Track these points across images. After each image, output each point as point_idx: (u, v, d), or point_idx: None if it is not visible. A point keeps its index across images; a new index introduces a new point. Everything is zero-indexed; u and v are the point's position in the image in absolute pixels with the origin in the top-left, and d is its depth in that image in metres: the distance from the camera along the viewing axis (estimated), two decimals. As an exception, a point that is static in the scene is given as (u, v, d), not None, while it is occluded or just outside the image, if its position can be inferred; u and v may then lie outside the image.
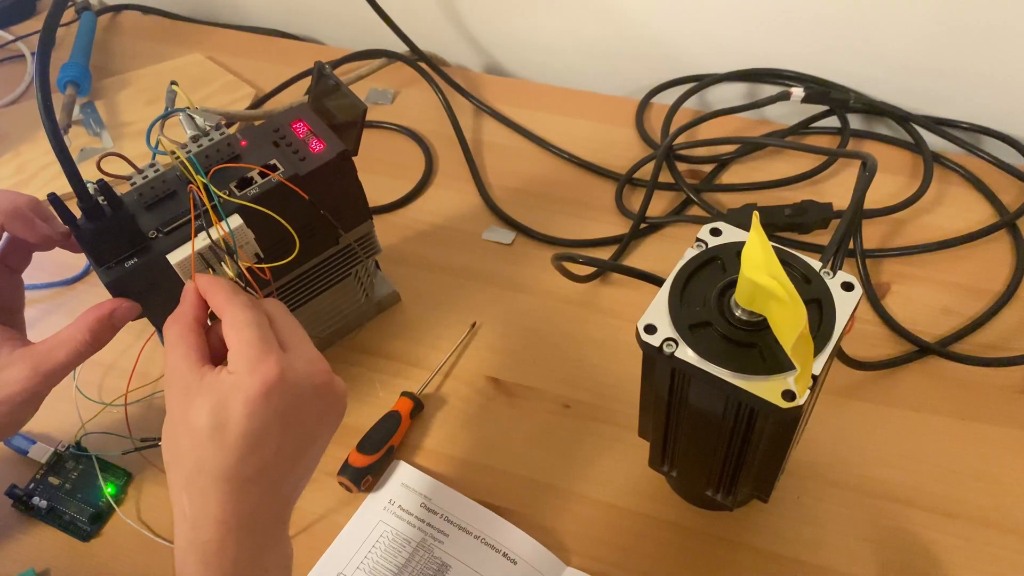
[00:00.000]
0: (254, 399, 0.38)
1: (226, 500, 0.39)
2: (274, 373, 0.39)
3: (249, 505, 0.39)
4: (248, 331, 0.41)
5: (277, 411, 0.39)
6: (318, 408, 0.42)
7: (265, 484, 0.40)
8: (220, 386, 0.39)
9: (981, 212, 0.71)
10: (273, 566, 0.41)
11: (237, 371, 0.39)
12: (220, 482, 0.38)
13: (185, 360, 0.41)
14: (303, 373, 0.41)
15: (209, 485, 0.39)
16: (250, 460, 0.39)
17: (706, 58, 0.84)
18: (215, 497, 0.38)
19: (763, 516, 0.55)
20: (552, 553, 0.54)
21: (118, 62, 0.97)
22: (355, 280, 0.64)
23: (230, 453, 0.38)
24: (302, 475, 0.43)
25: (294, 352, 0.42)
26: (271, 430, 0.39)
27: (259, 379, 0.39)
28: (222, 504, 0.39)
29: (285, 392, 0.39)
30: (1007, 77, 0.74)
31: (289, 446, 0.40)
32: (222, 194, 0.50)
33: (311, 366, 0.42)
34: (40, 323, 0.70)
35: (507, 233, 0.74)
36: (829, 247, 0.43)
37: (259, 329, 0.41)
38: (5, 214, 0.50)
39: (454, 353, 0.65)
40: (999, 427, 0.58)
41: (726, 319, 0.40)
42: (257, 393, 0.38)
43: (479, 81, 0.90)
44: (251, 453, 0.39)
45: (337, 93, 0.55)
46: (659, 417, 0.47)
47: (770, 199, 0.73)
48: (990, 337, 0.63)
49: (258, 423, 0.39)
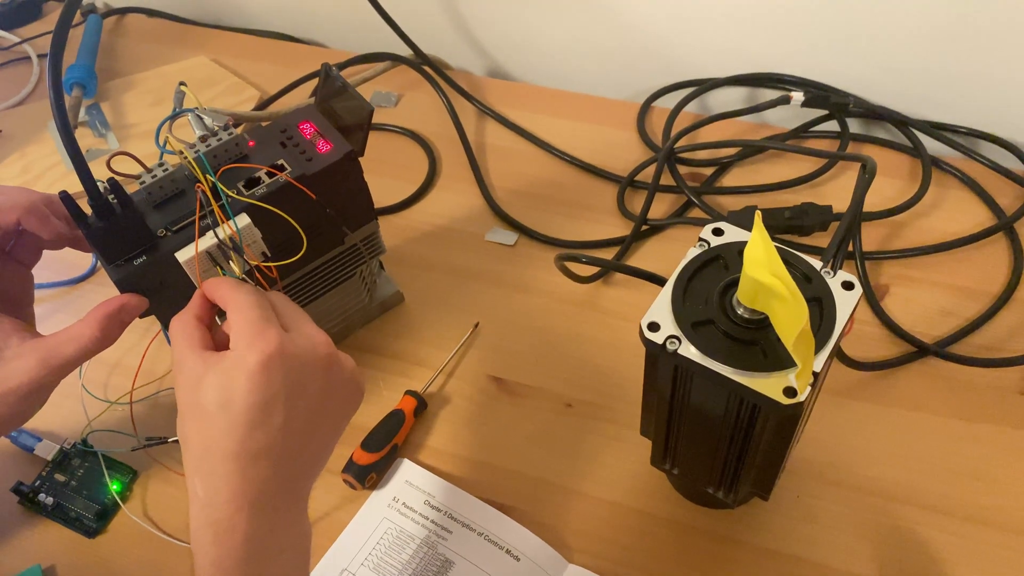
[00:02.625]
0: (254, 373, 0.39)
1: (235, 477, 0.39)
2: (272, 346, 0.39)
3: (258, 481, 0.39)
4: (249, 311, 0.41)
5: (280, 383, 0.39)
6: (324, 381, 0.42)
7: (274, 459, 0.40)
8: (222, 364, 0.40)
9: (979, 215, 0.72)
10: (289, 546, 0.41)
11: (237, 348, 0.40)
12: (228, 459, 0.39)
13: (189, 349, 0.41)
14: (303, 347, 0.41)
15: (218, 463, 0.39)
16: (256, 435, 0.39)
17: (707, 62, 0.85)
18: (224, 475, 0.39)
19: (763, 514, 0.56)
20: (555, 550, 0.55)
21: (123, 64, 0.97)
22: (359, 280, 0.64)
23: (235, 429, 0.39)
24: (317, 452, 0.43)
25: (295, 330, 0.42)
26: (275, 403, 0.39)
27: (257, 352, 0.39)
28: (231, 482, 0.39)
29: (285, 364, 0.40)
30: (1005, 82, 0.75)
31: (297, 421, 0.40)
32: (231, 193, 0.50)
33: (311, 340, 0.42)
34: (47, 321, 0.70)
35: (509, 234, 0.74)
36: (830, 246, 0.44)
37: (260, 309, 0.41)
38: (22, 209, 0.51)
39: (457, 353, 0.66)
40: (996, 427, 0.59)
41: (728, 317, 0.41)
42: (257, 366, 0.39)
43: (482, 84, 0.91)
44: (256, 427, 0.39)
45: (344, 95, 0.56)
46: (661, 415, 0.47)
47: (770, 202, 0.74)
48: (987, 338, 0.64)
49: (259, 396, 0.39)
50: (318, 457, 0.43)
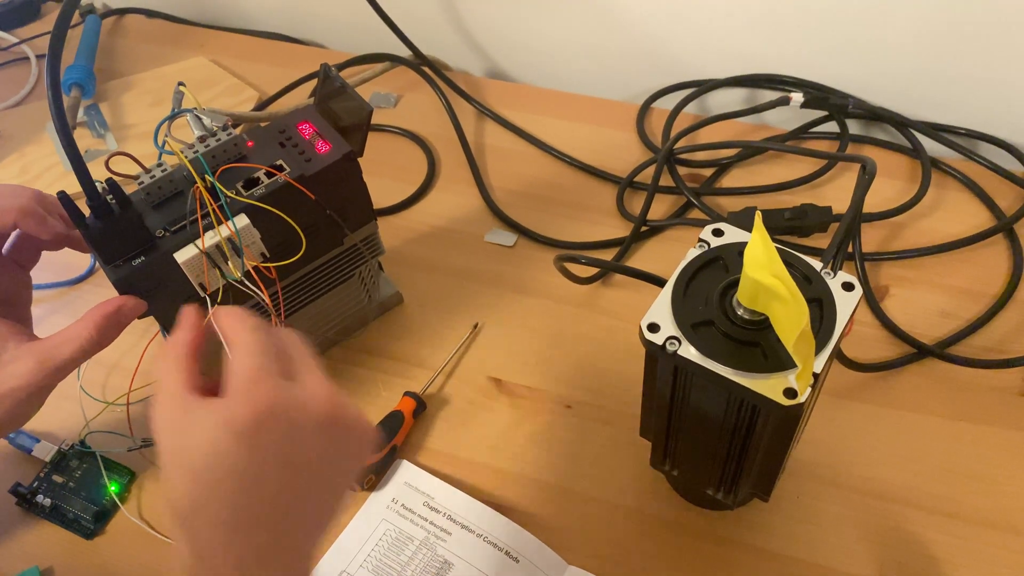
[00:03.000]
0: (244, 432, 0.35)
1: (226, 546, 0.35)
2: (267, 401, 0.35)
3: (252, 549, 0.35)
4: (249, 356, 0.37)
5: (273, 445, 0.35)
6: (325, 440, 0.37)
7: (270, 527, 0.36)
8: (212, 416, 0.35)
9: (978, 216, 0.72)
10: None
11: (229, 398, 0.36)
12: (217, 527, 0.35)
13: (178, 386, 0.37)
14: (303, 402, 0.37)
15: (204, 527, 0.35)
16: (248, 503, 0.35)
17: (706, 63, 0.85)
18: (213, 542, 0.35)
19: (762, 515, 0.56)
20: (554, 552, 0.54)
21: (122, 65, 0.97)
22: (359, 281, 0.64)
23: (224, 493, 0.35)
24: (321, 513, 0.39)
25: (298, 382, 0.38)
26: (267, 468, 0.35)
27: (250, 407, 0.35)
28: (221, 551, 0.35)
29: (280, 424, 0.36)
30: (1005, 84, 0.75)
31: (295, 486, 0.36)
32: (229, 193, 0.50)
33: (313, 397, 0.37)
34: (44, 322, 0.70)
35: (509, 235, 0.74)
36: (830, 247, 0.44)
37: (260, 356, 0.37)
38: (18, 211, 0.51)
39: (456, 354, 0.66)
40: (996, 428, 0.58)
41: (728, 318, 0.41)
42: (248, 424, 0.35)
43: (481, 85, 0.91)
44: (248, 494, 0.35)
45: (343, 95, 0.56)
46: (661, 416, 0.47)
47: (770, 203, 0.74)
48: (987, 340, 0.64)
49: (250, 460, 0.35)
50: (322, 517, 0.39)
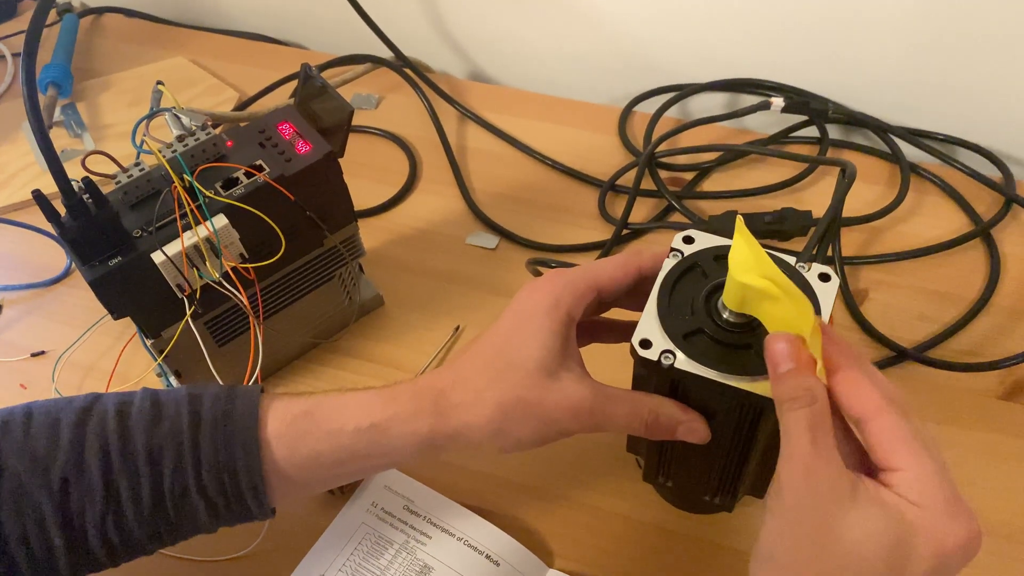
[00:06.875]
0: (950, 551, 0.33)
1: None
2: (976, 529, 0.34)
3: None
4: (930, 461, 0.34)
5: (951, 571, 0.34)
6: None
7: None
8: (895, 512, 0.33)
9: (956, 221, 0.73)
10: None
11: (926, 507, 0.33)
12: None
13: (830, 459, 0.34)
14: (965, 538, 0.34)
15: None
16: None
17: (688, 68, 0.86)
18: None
19: (748, 519, 0.56)
20: (534, 555, 0.54)
21: (100, 64, 0.96)
22: (339, 283, 0.64)
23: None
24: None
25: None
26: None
27: (963, 531, 0.33)
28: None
29: (969, 555, 0.34)
30: (983, 90, 0.76)
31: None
32: (208, 193, 0.50)
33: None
34: (18, 324, 0.69)
35: (491, 238, 0.74)
36: (808, 244, 0.44)
37: (937, 463, 0.34)
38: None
39: (437, 357, 0.66)
40: (974, 431, 0.59)
41: (716, 323, 0.40)
42: (955, 546, 0.33)
43: (463, 87, 0.90)
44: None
45: (323, 95, 0.55)
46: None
47: (750, 207, 0.74)
48: (965, 343, 0.64)
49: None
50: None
